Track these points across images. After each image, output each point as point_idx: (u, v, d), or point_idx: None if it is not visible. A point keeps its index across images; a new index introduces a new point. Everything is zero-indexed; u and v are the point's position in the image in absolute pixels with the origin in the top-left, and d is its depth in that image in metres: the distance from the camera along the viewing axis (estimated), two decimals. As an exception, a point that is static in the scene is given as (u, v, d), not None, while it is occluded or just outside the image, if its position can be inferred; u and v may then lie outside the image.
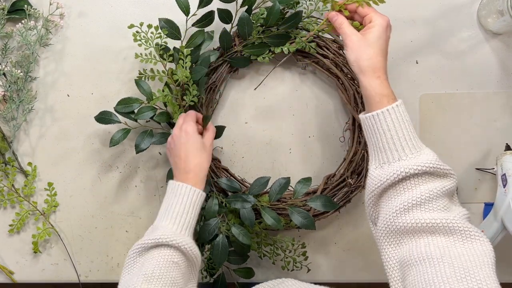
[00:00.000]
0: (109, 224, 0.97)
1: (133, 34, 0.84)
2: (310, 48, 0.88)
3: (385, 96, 0.67)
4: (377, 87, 0.67)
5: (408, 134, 0.66)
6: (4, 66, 0.92)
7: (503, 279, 0.95)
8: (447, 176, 0.65)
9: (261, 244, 0.91)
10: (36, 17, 0.94)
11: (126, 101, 0.89)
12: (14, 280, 0.98)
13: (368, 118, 0.68)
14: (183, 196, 0.74)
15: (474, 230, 0.60)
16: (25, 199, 0.96)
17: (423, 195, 0.62)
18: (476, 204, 0.94)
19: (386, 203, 0.65)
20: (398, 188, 0.64)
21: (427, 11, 0.93)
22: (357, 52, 0.69)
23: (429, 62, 0.94)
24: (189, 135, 0.78)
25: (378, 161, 0.67)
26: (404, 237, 0.62)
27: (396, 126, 0.65)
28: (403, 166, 0.63)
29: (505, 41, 0.93)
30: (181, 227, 0.73)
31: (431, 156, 0.65)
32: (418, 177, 0.64)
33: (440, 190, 0.63)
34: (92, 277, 0.98)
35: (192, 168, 0.77)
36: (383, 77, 0.68)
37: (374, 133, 0.67)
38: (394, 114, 0.66)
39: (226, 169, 0.92)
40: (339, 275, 0.96)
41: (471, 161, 0.94)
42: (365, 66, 0.68)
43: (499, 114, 0.93)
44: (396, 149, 0.65)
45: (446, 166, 0.65)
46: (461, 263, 0.55)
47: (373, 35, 0.69)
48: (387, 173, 0.65)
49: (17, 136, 0.96)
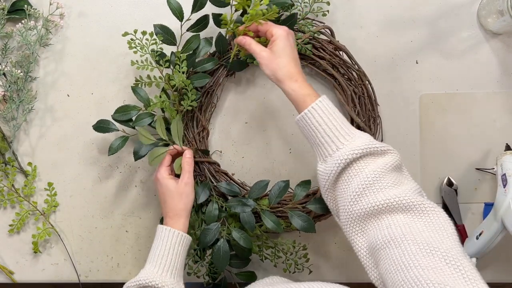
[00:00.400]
0: (109, 224, 0.97)
1: (128, 41, 0.84)
2: (306, 50, 0.88)
3: (307, 96, 0.72)
4: (297, 90, 0.72)
5: (338, 123, 0.70)
6: (4, 66, 0.92)
7: (503, 279, 0.96)
8: (386, 153, 0.68)
9: (262, 247, 0.91)
10: (36, 17, 0.94)
11: (123, 109, 0.89)
12: (14, 280, 0.98)
13: (300, 119, 0.72)
14: (163, 239, 0.79)
15: (427, 203, 0.62)
16: (25, 199, 0.96)
17: (370, 177, 0.65)
18: (476, 204, 0.94)
19: (341, 194, 0.69)
20: (346, 177, 0.68)
21: (427, 11, 0.93)
22: (270, 65, 0.74)
23: (429, 62, 0.94)
24: (160, 182, 0.82)
25: (321, 156, 0.72)
26: (366, 222, 0.65)
27: (325, 119, 0.70)
28: (342, 154, 0.68)
29: (505, 41, 0.93)
30: (162, 268, 0.77)
31: (364, 138, 0.69)
32: (360, 161, 0.67)
33: (384, 167, 0.66)
34: (92, 277, 0.98)
35: (167, 212, 0.82)
36: (300, 79, 0.73)
37: (309, 131, 0.72)
38: (320, 109, 0.71)
39: (225, 172, 0.92)
40: (339, 275, 0.96)
41: (471, 161, 0.94)
42: (281, 75, 0.73)
43: (499, 114, 0.93)
44: (332, 141, 0.69)
45: (382, 144, 0.69)
46: (423, 238, 0.57)
47: (278, 46, 0.74)
48: (330, 165, 0.69)
49: (17, 136, 0.96)
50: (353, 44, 0.92)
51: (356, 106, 0.89)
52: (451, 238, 0.57)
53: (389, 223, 0.61)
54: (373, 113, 0.90)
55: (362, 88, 0.89)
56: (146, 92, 0.89)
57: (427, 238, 0.57)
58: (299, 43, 0.87)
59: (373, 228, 0.63)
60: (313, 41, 0.89)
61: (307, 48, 0.88)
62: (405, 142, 0.94)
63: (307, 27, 0.88)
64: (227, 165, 0.95)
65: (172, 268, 0.78)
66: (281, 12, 0.89)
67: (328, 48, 0.89)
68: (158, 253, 0.78)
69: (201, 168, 0.91)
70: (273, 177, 0.94)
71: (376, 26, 0.94)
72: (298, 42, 0.87)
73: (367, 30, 0.94)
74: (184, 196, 0.82)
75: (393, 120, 0.94)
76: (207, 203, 0.89)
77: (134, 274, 0.96)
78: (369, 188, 0.65)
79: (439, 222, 0.60)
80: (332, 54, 0.89)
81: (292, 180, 0.89)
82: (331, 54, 0.89)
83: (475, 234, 0.87)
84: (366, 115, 0.89)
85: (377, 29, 0.94)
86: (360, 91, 0.89)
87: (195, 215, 0.90)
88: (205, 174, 0.90)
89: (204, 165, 0.91)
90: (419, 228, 0.59)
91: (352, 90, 0.89)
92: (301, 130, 0.74)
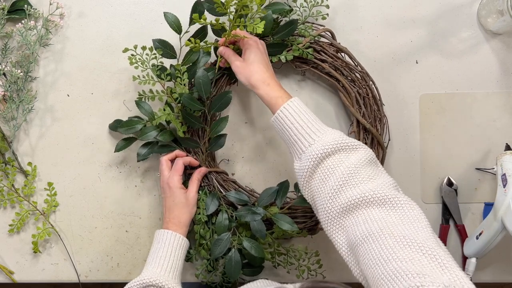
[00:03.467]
0: (109, 224, 0.97)
1: (129, 57, 0.85)
2: (308, 54, 0.88)
3: (279, 97, 0.76)
4: (269, 93, 0.76)
5: (309, 121, 0.73)
6: (4, 66, 0.92)
7: (503, 279, 0.96)
8: (358, 148, 0.70)
9: (274, 254, 0.91)
10: (36, 17, 0.94)
11: (128, 124, 0.90)
12: (14, 280, 0.98)
13: (274, 120, 0.76)
14: (165, 242, 0.82)
15: (402, 197, 0.63)
16: (25, 199, 0.96)
17: (345, 173, 0.67)
18: (476, 204, 0.94)
19: (318, 193, 0.70)
20: (321, 174, 0.69)
21: (427, 11, 0.93)
22: (244, 73, 0.79)
23: (429, 62, 0.94)
24: (172, 190, 0.85)
25: (296, 154, 0.74)
26: (344, 219, 0.66)
27: (297, 118, 0.73)
28: (314, 150, 0.70)
29: (505, 41, 0.93)
30: (165, 269, 0.79)
31: (335, 134, 0.71)
32: (333, 157, 0.69)
33: (358, 162, 0.68)
34: (92, 277, 0.98)
35: (171, 219, 0.84)
36: (272, 83, 0.78)
37: (283, 131, 0.75)
38: (291, 109, 0.74)
39: (234, 181, 0.92)
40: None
41: (471, 161, 0.94)
42: (254, 80, 0.78)
43: (499, 114, 0.93)
44: (304, 138, 0.72)
45: (353, 140, 0.71)
46: (399, 231, 0.58)
47: (248, 55, 0.80)
48: (304, 161, 0.71)
49: (17, 136, 0.96)
50: (353, 45, 0.93)
51: (361, 107, 0.89)
52: (426, 230, 0.59)
53: (366, 218, 0.63)
54: (379, 113, 0.89)
55: (366, 89, 0.89)
56: (149, 106, 0.89)
57: (403, 231, 0.58)
58: (300, 47, 0.87)
59: (351, 224, 0.64)
60: (314, 44, 0.89)
61: (309, 52, 0.88)
62: (405, 142, 0.94)
63: (307, 31, 0.88)
64: (228, 165, 0.95)
65: (174, 270, 0.80)
66: (280, 18, 0.89)
67: (329, 51, 0.89)
68: (161, 255, 0.80)
69: (209, 178, 0.91)
70: (273, 177, 0.94)
71: (376, 27, 0.94)
72: (299, 47, 0.87)
73: (367, 31, 0.94)
74: (191, 207, 0.86)
75: (393, 120, 0.94)
76: (216, 213, 0.89)
77: (134, 274, 0.96)
78: (345, 184, 0.66)
79: (414, 215, 0.61)
80: (334, 57, 0.89)
81: (291, 181, 0.89)
82: (333, 57, 0.89)
83: (475, 234, 0.87)
84: (372, 116, 0.89)
85: (377, 30, 0.94)
86: (364, 92, 0.89)
87: (206, 226, 0.90)
88: (213, 184, 0.90)
89: (212, 174, 0.90)
90: (394, 222, 0.60)
91: (356, 91, 0.89)
92: (277, 132, 0.77)
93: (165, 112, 0.88)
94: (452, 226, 0.94)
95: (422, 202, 0.95)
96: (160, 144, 0.90)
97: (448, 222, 0.94)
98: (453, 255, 0.95)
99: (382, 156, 0.90)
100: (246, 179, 0.95)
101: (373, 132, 0.88)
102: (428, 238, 0.57)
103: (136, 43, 0.88)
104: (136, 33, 0.95)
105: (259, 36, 0.88)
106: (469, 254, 0.88)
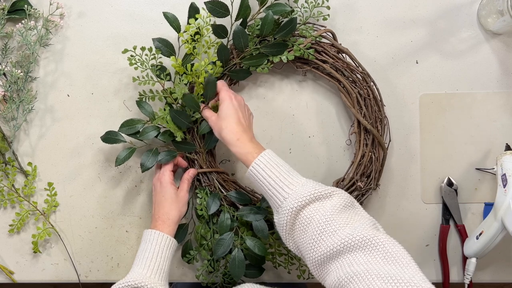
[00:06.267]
0: (109, 224, 0.97)
1: (128, 58, 0.85)
2: (309, 55, 0.88)
3: (249, 153, 0.77)
4: (240, 149, 0.78)
5: (281, 174, 0.73)
6: (4, 66, 0.92)
7: (503, 279, 0.96)
8: (332, 194, 0.70)
9: (275, 254, 0.91)
10: (36, 17, 0.94)
11: (129, 123, 0.89)
12: (14, 280, 0.98)
13: (247, 176, 0.77)
14: (152, 242, 0.81)
15: (381, 236, 0.62)
16: (25, 199, 0.96)
17: (321, 222, 0.67)
18: (476, 204, 0.94)
19: (301, 243, 0.70)
20: (300, 225, 0.69)
21: (427, 11, 0.93)
22: (216, 127, 0.82)
23: (429, 62, 0.94)
24: (163, 185, 0.85)
25: (274, 208, 0.74)
26: (329, 265, 0.65)
27: (268, 172, 0.74)
28: (290, 204, 0.70)
29: (505, 41, 0.93)
30: (151, 271, 0.78)
31: (308, 185, 0.71)
32: (308, 207, 0.69)
33: (333, 209, 0.67)
34: (92, 277, 0.98)
35: (160, 216, 0.83)
36: (243, 137, 0.78)
37: (259, 185, 0.75)
38: (262, 164, 0.75)
39: (234, 181, 0.92)
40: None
41: (471, 161, 0.94)
42: (225, 135, 0.79)
43: (499, 114, 0.93)
44: (278, 192, 0.72)
45: (326, 187, 0.70)
46: (386, 271, 0.57)
47: (221, 111, 0.81)
48: (282, 216, 0.71)
49: (17, 136, 0.96)
50: (354, 45, 0.93)
51: (362, 108, 0.89)
52: (411, 266, 0.58)
53: (350, 261, 0.62)
54: (380, 114, 0.90)
55: (367, 90, 0.89)
56: (150, 106, 0.89)
57: (389, 271, 0.57)
58: (301, 48, 0.87)
59: (336, 268, 0.63)
60: (315, 45, 0.89)
61: (310, 53, 0.88)
62: (405, 142, 0.94)
63: (308, 32, 0.88)
64: (227, 165, 0.95)
65: (161, 271, 0.79)
66: (281, 19, 0.89)
67: (330, 52, 0.89)
68: (147, 256, 0.79)
69: (210, 178, 0.91)
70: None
71: (376, 27, 0.94)
72: (300, 47, 0.87)
73: (367, 31, 0.94)
74: (181, 204, 0.85)
75: (393, 120, 0.94)
76: (218, 213, 0.89)
77: (134, 274, 0.96)
78: (323, 233, 0.66)
79: (396, 252, 0.60)
80: (335, 58, 0.89)
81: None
82: (334, 58, 0.89)
83: (475, 234, 0.87)
84: (373, 117, 0.89)
85: (377, 30, 0.94)
86: (365, 93, 0.89)
87: (206, 227, 0.90)
88: (214, 184, 0.90)
89: (213, 175, 0.91)
90: (379, 262, 0.60)
91: (357, 92, 0.89)
92: (253, 186, 0.80)
93: (165, 112, 0.88)
94: (452, 226, 0.94)
95: (422, 202, 0.95)
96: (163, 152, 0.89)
97: (448, 222, 0.94)
98: (453, 255, 0.96)
99: (382, 156, 0.90)
100: (246, 179, 0.95)
101: (374, 133, 0.88)
102: (414, 275, 0.57)
103: (136, 43, 0.88)
104: (136, 33, 0.95)
105: (259, 37, 0.88)
106: (469, 254, 0.89)
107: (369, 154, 0.89)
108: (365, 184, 0.89)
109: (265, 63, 0.89)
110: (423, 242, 0.95)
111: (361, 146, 0.89)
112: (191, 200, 0.92)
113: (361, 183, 0.89)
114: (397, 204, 0.95)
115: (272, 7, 0.87)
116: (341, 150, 0.95)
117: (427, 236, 0.95)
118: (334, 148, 0.95)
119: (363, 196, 0.90)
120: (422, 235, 0.95)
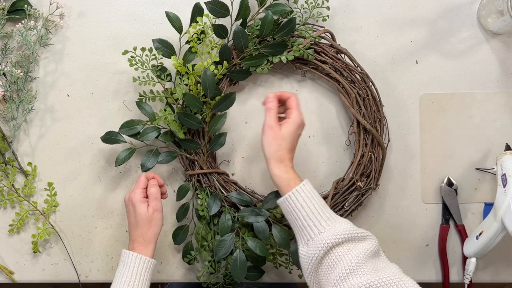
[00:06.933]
0: (109, 224, 0.97)
1: (129, 59, 0.85)
2: (308, 55, 0.88)
3: (292, 180, 0.75)
4: (283, 174, 0.76)
5: (320, 207, 0.73)
6: (4, 66, 0.92)
7: (503, 279, 0.96)
8: (366, 238, 0.71)
9: (276, 254, 0.91)
10: (36, 17, 0.94)
11: (129, 124, 0.89)
12: (14, 280, 0.98)
13: (283, 201, 0.75)
14: (130, 265, 0.78)
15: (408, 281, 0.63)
16: (25, 199, 0.96)
17: (353, 263, 0.66)
18: (476, 204, 0.94)
19: (324, 278, 0.69)
20: (329, 262, 0.69)
21: (427, 11, 0.93)
22: (270, 141, 0.77)
23: (429, 62, 0.94)
24: (135, 206, 0.80)
25: (303, 239, 0.73)
26: None
27: (308, 202, 0.73)
28: (324, 239, 0.69)
29: (505, 41, 0.93)
30: None
31: (345, 224, 0.71)
32: (341, 246, 0.69)
33: (365, 254, 0.68)
34: (92, 277, 0.98)
35: (136, 238, 0.80)
36: (290, 165, 0.77)
37: (292, 214, 0.74)
38: (303, 192, 0.74)
39: (235, 182, 0.92)
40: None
41: (471, 161, 0.94)
42: (272, 153, 0.77)
43: (499, 114, 0.93)
44: (314, 224, 0.72)
45: (362, 230, 0.71)
46: None
47: (287, 130, 0.78)
48: (313, 248, 0.70)
49: (17, 136, 0.96)
50: (354, 45, 0.93)
51: (361, 108, 0.89)
52: None
53: None
54: (379, 114, 0.90)
55: (366, 90, 0.89)
56: (150, 106, 0.89)
57: None
58: (301, 48, 0.87)
59: None
60: (315, 45, 0.89)
61: (309, 53, 0.88)
62: (405, 142, 0.94)
63: (308, 33, 0.88)
64: (227, 165, 0.95)
65: None
66: (281, 20, 0.89)
67: (329, 52, 0.89)
68: (125, 279, 0.77)
69: (211, 179, 0.91)
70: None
71: (376, 27, 0.94)
72: (299, 47, 0.87)
73: (367, 31, 0.94)
74: (154, 223, 0.81)
75: (393, 120, 0.94)
76: (219, 214, 0.89)
77: (134, 274, 0.96)
78: (352, 273, 0.66)
79: None
80: (334, 58, 0.89)
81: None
82: (333, 58, 0.89)
83: (475, 234, 0.87)
84: (372, 117, 0.89)
85: (377, 30, 0.94)
86: (364, 93, 0.89)
87: (207, 228, 0.90)
88: (215, 185, 0.90)
89: (213, 176, 0.90)
90: None
91: (356, 92, 0.89)
92: (284, 212, 0.77)
93: (166, 113, 0.88)
94: (452, 226, 0.94)
95: (422, 202, 0.95)
96: (163, 153, 0.89)
97: (448, 222, 0.94)
98: (453, 255, 0.96)
99: (382, 156, 0.90)
100: (246, 179, 0.95)
101: (373, 133, 0.88)
102: None
103: (136, 43, 0.88)
104: (136, 33, 0.95)
105: (259, 37, 0.88)
106: (469, 254, 0.89)
107: (369, 154, 0.89)
108: (364, 184, 0.89)
109: (264, 63, 0.89)
110: (423, 242, 0.95)
111: (360, 146, 0.89)
112: (191, 201, 0.92)
113: (361, 183, 0.89)
114: (397, 204, 0.95)
115: (272, 7, 0.87)
116: (340, 150, 0.95)
117: (427, 236, 0.95)
118: (334, 148, 0.95)
119: (363, 196, 0.90)
120: (422, 235, 0.95)
